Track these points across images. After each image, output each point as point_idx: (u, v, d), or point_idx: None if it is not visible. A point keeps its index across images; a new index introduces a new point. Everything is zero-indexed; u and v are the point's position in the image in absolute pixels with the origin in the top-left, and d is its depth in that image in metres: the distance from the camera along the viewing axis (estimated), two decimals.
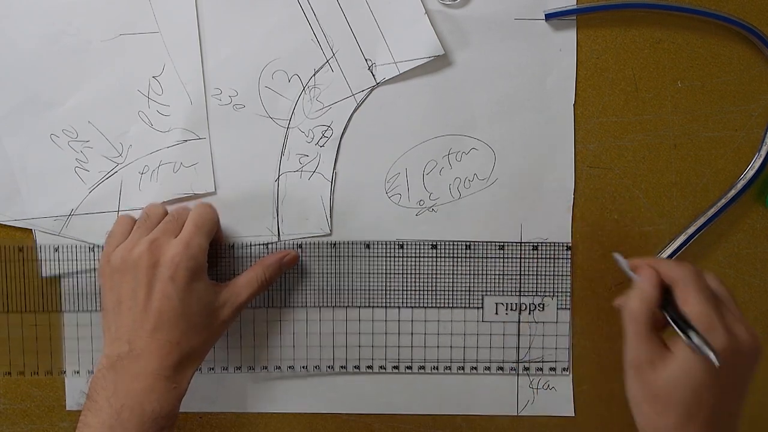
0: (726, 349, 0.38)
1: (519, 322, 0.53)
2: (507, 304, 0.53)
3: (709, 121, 0.52)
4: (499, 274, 0.53)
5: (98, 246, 0.52)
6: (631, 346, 0.42)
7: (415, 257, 0.53)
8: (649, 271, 0.43)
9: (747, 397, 0.42)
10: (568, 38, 0.51)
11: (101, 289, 0.47)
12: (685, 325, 0.40)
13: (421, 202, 0.52)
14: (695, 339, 0.39)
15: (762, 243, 0.53)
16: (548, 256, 0.53)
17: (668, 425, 0.40)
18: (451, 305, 0.53)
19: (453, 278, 0.53)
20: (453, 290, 0.53)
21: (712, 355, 0.38)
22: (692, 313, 0.40)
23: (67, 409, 0.54)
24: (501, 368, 0.53)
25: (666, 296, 0.42)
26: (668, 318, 0.41)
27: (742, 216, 0.53)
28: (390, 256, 0.53)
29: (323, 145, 0.52)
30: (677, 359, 0.40)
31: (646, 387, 0.41)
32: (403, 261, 0.53)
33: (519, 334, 0.53)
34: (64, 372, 0.53)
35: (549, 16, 0.51)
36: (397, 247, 0.53)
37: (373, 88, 0.51)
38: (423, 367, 0.53)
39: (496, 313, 0.53)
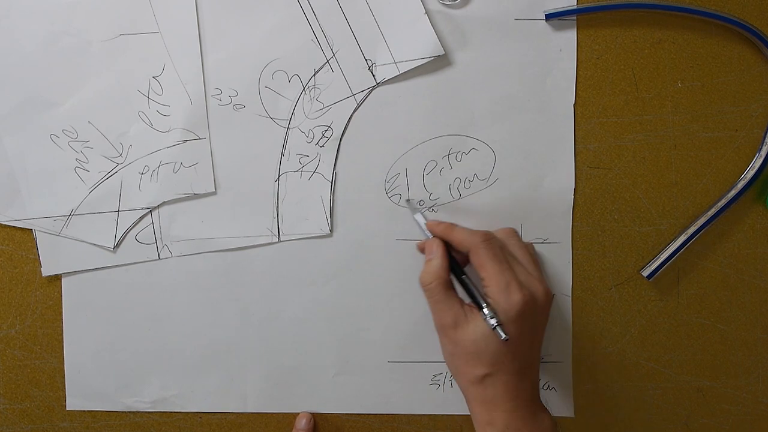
0: (522, 304, 0.43)
1: None
2: None
3: (709, 121, 0.52)
4: None
5: (98, 246, 0.52)
6: (434, 313, 0.45)
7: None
8: (436, 244, 0.46)
9: (542, 342, 0.47)
10: (568, 38, 0.51)
11: None
12: (478, 294, 0.44)
13: (421, 202, 0.52)
14: (486, 313, 0.43)
15: (762, 243, 0.53)
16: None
17: (479, 375, 0.44)
18: None
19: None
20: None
21: (500, 331, 0.42)
22: (488, 277, 0.44)
23: (67, 409, 0.54)
24: None
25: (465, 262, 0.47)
26: (465, 289, 0.45)
27: (742, 216, 0.53)
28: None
29: (323, 145, 0.52)
30: (478, 319, 0.43)
31: (455, 345, 0.44)
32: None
33: None
34: (65, 371, 0.53)
35: (549, 17, 0.51)
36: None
37: (373, 88, 0.51)
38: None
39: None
